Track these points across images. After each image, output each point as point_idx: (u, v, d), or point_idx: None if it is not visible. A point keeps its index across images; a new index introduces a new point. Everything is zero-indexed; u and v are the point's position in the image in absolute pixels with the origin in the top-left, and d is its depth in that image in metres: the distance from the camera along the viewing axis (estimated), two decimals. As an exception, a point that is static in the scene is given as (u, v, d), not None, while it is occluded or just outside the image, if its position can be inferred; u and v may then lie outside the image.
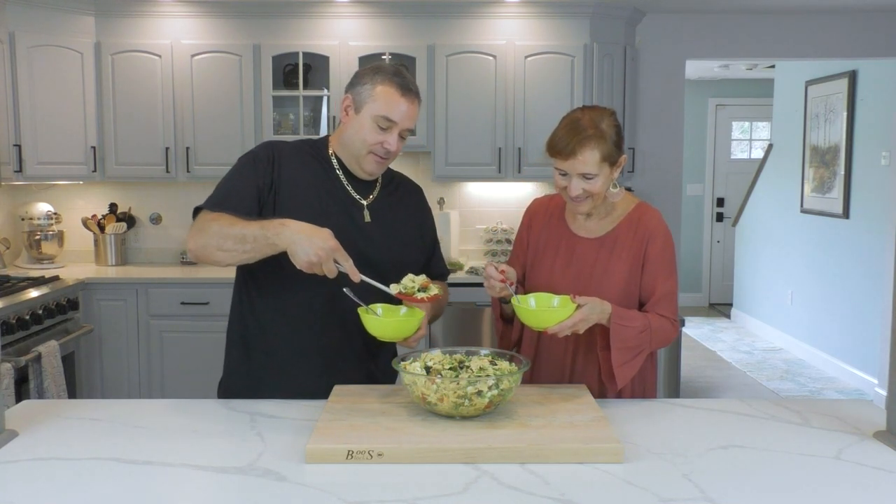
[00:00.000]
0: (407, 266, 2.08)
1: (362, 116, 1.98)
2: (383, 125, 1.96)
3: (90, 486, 1.45)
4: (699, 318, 8.04)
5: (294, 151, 2.07)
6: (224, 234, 1.83)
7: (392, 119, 1.96)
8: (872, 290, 5.36)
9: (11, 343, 3.48)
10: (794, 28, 4.96)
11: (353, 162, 2.03)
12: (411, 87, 1.99)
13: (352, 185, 2.06)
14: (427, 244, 2.21)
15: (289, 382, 2.01)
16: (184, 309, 4.26)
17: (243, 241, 1.80)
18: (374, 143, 1.97)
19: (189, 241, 1.91)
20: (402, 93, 1.96)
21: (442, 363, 1.78)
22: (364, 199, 2.06)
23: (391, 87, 1.96)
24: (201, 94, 4.48)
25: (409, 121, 1.99)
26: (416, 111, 2.01)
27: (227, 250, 1.84)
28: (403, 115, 1.97)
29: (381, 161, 2.01)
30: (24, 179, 4.25)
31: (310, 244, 1.72)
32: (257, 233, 1.78)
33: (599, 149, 1.94)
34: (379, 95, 1.96)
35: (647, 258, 2.05)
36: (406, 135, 2.01)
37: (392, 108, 1.95)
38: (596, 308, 1.89)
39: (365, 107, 1.97)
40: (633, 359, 1.97)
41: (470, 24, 4.51)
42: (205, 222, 1.90)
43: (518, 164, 4.54)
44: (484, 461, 1.52)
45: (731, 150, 8.71)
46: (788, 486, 1.46)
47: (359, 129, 1.98)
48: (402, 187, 2.20)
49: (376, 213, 2.07)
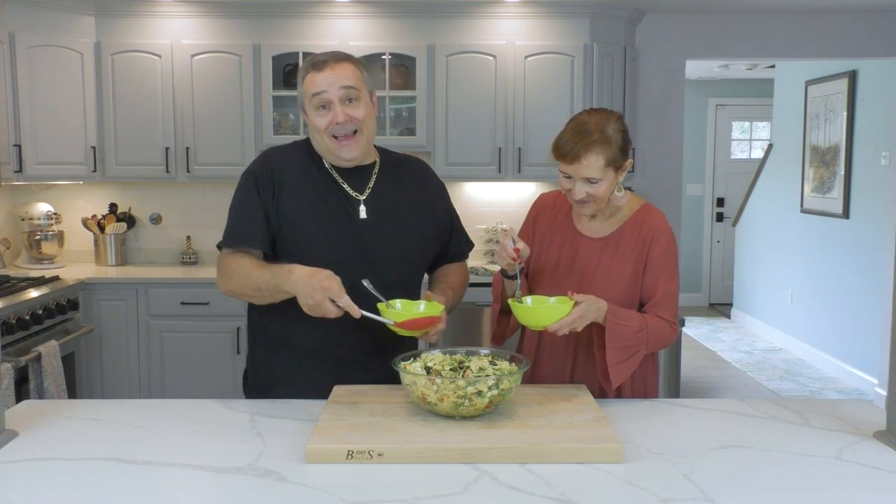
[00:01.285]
0: (423, 255, 2.10)
1: (307, 112, 2.00)
2: (318, 103, 1.96)
3: (90, 486, 1.45)
4: (699, 318, 8.04)
5: (292, 154, 2.08)
6: (244, 284, 1.95)
7: (318, 93, 1.95)
8: (872, 290, 5.36)
9: (11, 343, 3.48)
10: (794, 28, 4.96)
11: (329, 154, 2.03)
12: (325, 58, 1.98)
13: (346, 181, 2.04)
14: (441, 224, 2.16)
15: (306, 379, 2.01)
16: (184, 309, 4.26)
17: (259, 289, 1.92)
18: (325, 126, 1.96)
19: (219, 283, 2.03)
20: (316, 68, 1.96)
21: (442, 363, 1.78)
22: (361, 195, 2.04)
23: (306, 72, 1.98)
24: (201, 94, 4.48)
25: (339, 82, 1.95)
26: (342, 73, 1.96)
27: (251, 297, 1.98)
28: (325, 83, 1.95)
29: (346, 141, 1.98)
30: (24, 179, 4.25)
31: (307, 288, 1.78)
32: (269, 281, 1.88)
33: (604, 154, 1.93)
34: (305, 86, 1.98)
35: (650, 260, 2.04)
36: (353, 96, 1.96)
37: (313, 85, 1.96)
38: (593, 306, 1.89)
39: (304, 103, 2.00)
40: (629, 359, 1.96)
41: (470, 24, 4.51)
42: (227, 266, 1.99)
43: (518, 164, 4.54)
44: (484, 461, 1.52)
45: (731, 150, 8.71)
46: (788, 486, 1.46)
47: (311, 126, 2.00)
48: (405, 170, 2.15)
49: (375, 207, 2.03)
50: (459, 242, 2.23)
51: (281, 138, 4.51)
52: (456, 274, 2.19)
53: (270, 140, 4.49)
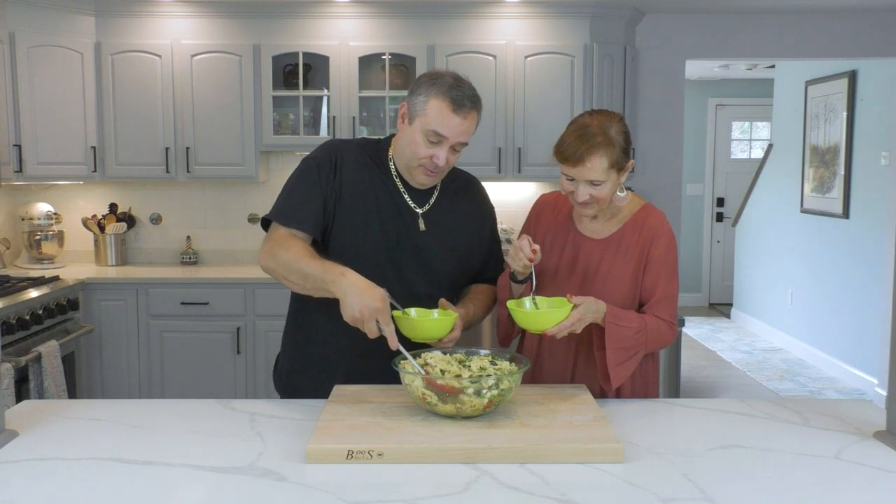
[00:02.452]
0: (463, 275, 2.12)
1: (414, 128, 1.95)
2: (433, 139, 1.93)
3: (90, 486, 1.45)
4: (699, 318, 8.04)
5: (356, 153, 2.06)
6: (290, 268, 1.89)
7: (442, 134, 1.93)
8: (872, 290, 5.37)
9: (11, 343, 3.48)
10: (794, 28, 4.96)
11: (406, 171, 2.03)
12: (466, 101, 1.93)
13: (408, 193, 2.05)
14: (484, 245, 2.19)
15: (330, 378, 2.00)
16: (184, 309, 4.26)
17: (305, 278, 1.87)
18: (424, 156, 1.95)
19: (261, 259, 1.97)
20: (455, 108, 1.92)
21: (442, 363, 1.78)
22: (420, 208, 2.05)
23: (444, 101, 1.91)
24: (201, 94, 4.48)
25: (462, 135, 1.95)
26: (472, 125, 1.97)
27: (291, 282, 1.92)
28: (454, 131, 1.93)
29: (431, 174, 1.99)
30: (24, 179, 4.25)
31: (359, 300, 1.75)
32: (318, 275, 1.84)
33: (608, 156, 1.93)
34: (431, 109, 1.92)
35: (650, 260, 2.04)
36: (460, 148, 1.98)
37: (442, 124, 1.92)
38: (591, 307, 1.89)
39: (417, 119, 1.95)
40: (629, 359, 1.96)
41: (470, 24, 4.51)
42: (276, 245, 1.94)
43: (518, 164, 4.54)
44: (484, 461, 1.52)
45: (731, 150, 8.71)
46: (788, 486, 1.46)
47: (410, 140, 1.96)
48: (462, 187, 2.17)
49: (432, 222, 2.05)
50: (496, 267, 2.23)
51: (281, 138, 4.52)
52: (482, 293, 2.18)
53: (270, 140, 4.50)
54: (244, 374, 4.27)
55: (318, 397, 1.93)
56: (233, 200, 4.86)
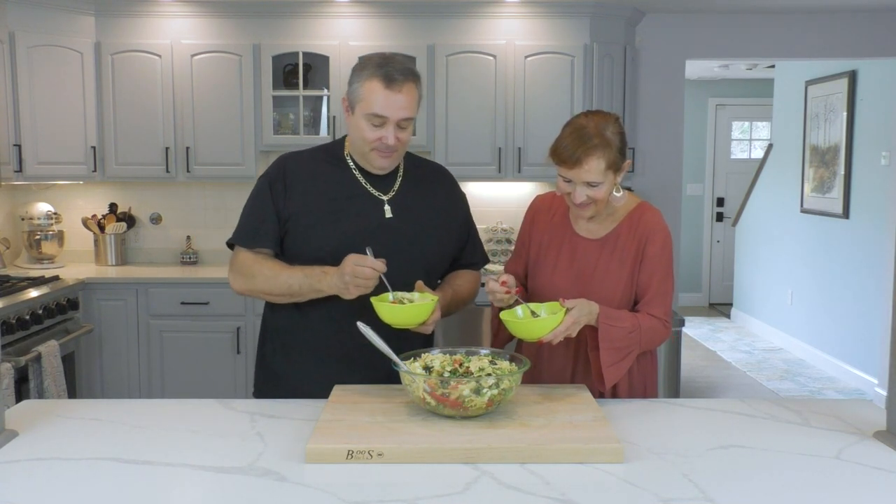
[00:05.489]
0: (439, 260, 2.12)
1: (357, 116, 1.98)
2: (376, 122, 1.95)
3: (90, 486, 1.45)
4: (699, 318, 8.03)
5: (308, 160, 2.09)
6: (270, 284, 1.99)
7: (381, 115, 1.93)
8: (872, 290, 5.36)
9: (11, 343, 3.48)
10: (794, 28, 4.96)
11: (363, 160, 2.04)
12: (397, 75, 1.93)
13: (370, 183, 2.05)
14: (458, 232, 2.18)
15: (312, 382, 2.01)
16: (184, 309, 4.26)
17: (290, 291, 1.97)
18: (373, 139, 1.96)
19: (233, 283, 2.07)
20: (387, 85, 1.92)
21: (443, 364, 1.78)
22: (385, 195, 2.06)
23: (375, 81, 1.93)
24: (201, 94, 4.48)
25: (402, 110, 1.94)
26: (410, 98, 1.96)
27: (275, 296, 2.02)
28: (393, 107, 1.93)
29: (386, 155, 2.00)
30: (24, 179, 4.25)
31: (340, 281, 1.86)
32: (303, 282, 1.94)
33: (605, 157, 1.93)
34: (366, 93, 1.94)
35: (645, 257, 2.05)
36: (406, 125, 1.97)
37: (379, 104, 1.93)
38: (584, 310, 1.89)
39: (357, 106, 1.97)
40: (623, 359, 1.96)
41: (470, 24, 4.51)
42: (245, 265, 2.03)
43: (518, 163, 4.54)
44: (484, 461, 1.52)
45: (731, 150, 8.71)
46: (788, 486, 1.46)
47: (356, 128, 1.99)
48: (428, 174, 2.17)
49: (398, 207, 2.05)
50: (474, 252, 2.23)
51: (281, 138, 4.51)
52: (463, 278, 2.19)
53: (270, 140, 4.49)
54: (244, 374, 4.26)
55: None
56: (233, 200, 4.85)
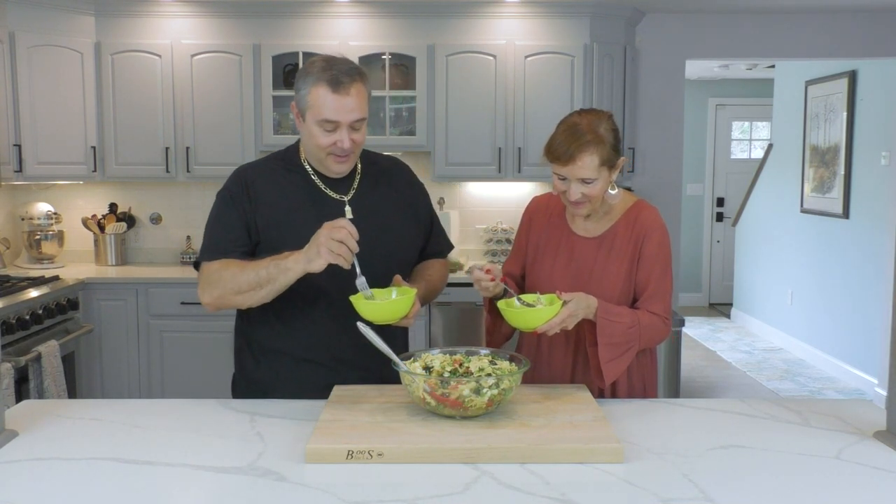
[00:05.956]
0: (406, 254, 2.10)
1: (308, 123, 1.95)
2: (328, 127, 1.92)
3: (90, 486, 1.45)
4: (699, 318, 8.03)
5: (265, 171, 2.07)
6: (238, 281, 1.89)
7: (332, 120, 1.91)
8: (872, 290, 5.36)
9: (11, 343, 3.48)
10: (794, 28, 4.96)
11: (320, 165, 2.02)
12: (343, 78, 1.89)
13: (329, 186, 2.04)
14: (422, 223, 2.18)
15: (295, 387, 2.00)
16: (184, 309, 4.26)
17: (259, 283, 1.87)
18: (327, 145, 1.94)
19: (202, 296, 1.97)
20: (334, 89, 1.89)
21: (443, 364, 1.78)
22: (345, 196, 2.04)
23: (322, 87, 1.89)
24: (201, 94, 4.48)
25: (353, 112, 1.92)
26: (359, 99, 1.92)
27: (244, 293, 1.90)
28: (343, 111, 1.90)
29: (343, 159, 1.98)
30: (24, 179, 4.25)
31: (313, 244, 1.79)
32: (271, 270, 1.85)
33: (598, 154, 1.94)
34: (314, 99, 1.91)
35: (643, 255, 2.05)
36: (359, 125, 1.95)
37: (328, 110, 1.90)
38: (582, 303, 1.89)
39: (307, 113, 1.94)
40: (622, 355, 1.96)
41: (470, 24, 4.51)
42: (212, 274, 1.95)
43: (518, 163, 4.53)
44: (484, 461, 1.52)
45: (731, 150, 8.71)
46: (788, 486, 1.46)
47: (309, 135, 1.96)
48: (386, 170, 2.16)
49: (359, 206, 2.04)
50: (439, 241, 2.24)
51: (281, 138, 4.51)
52: (433, 268, 2.19)
53: (270, 140, 4.49)
54: (244, 374, 4.26)
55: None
56: (233, 200, 4.86)
